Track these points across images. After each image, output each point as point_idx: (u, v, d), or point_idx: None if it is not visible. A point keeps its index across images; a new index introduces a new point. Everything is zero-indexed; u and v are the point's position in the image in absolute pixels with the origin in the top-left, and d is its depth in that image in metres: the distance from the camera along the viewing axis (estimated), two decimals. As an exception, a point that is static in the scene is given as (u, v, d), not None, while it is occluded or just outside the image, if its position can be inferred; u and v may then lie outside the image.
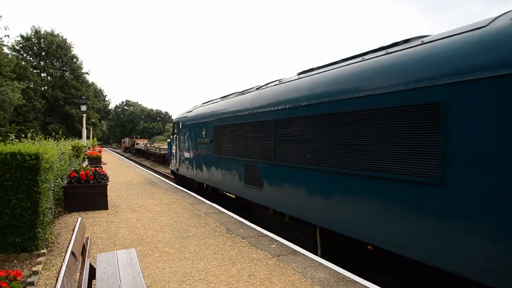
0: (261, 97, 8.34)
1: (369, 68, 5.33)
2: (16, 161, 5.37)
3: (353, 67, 5.74)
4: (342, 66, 6.07)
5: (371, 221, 4.90)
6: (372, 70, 5.24)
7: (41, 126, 48.31)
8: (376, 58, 5.34)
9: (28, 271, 5.03)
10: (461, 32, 4.18)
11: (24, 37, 51.95)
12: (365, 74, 5.35)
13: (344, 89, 5.60)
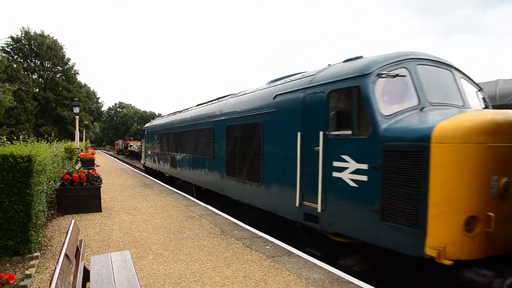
0: (176, 119, 15.54)
1: (230, 104, 10.06)
2: (8, 163, 5.32)
3: (203, 109, 12.45)
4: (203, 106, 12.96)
5: (193, 175, 12.37)
6: (236, 106, 9.54)
7: (33, 128, 47.92)
8: (239, 96, 9.71)
9: (21, 275, 4.98)
10: (262, 89, 8.62)
11: (14, 39, 51.51)
12: (225, 111, 10.07)
13: (195, 119, 12.90)
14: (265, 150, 7.65)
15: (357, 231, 5.15)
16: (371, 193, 4.87)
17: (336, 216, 5.53)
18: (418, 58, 5.56)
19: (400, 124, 4.76)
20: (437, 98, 5.33)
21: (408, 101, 5.19)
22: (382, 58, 5.46)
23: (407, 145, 4.45)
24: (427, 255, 4.10)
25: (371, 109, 4.98)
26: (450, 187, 4.06)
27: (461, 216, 4.00)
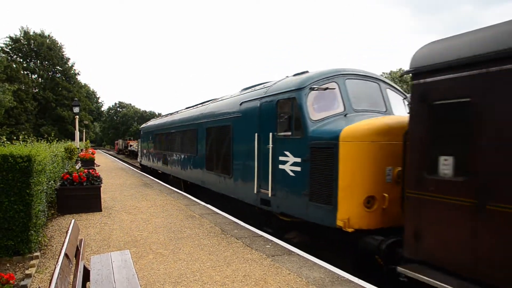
0: (167, 121, 17.28)
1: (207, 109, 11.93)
2: (8, 163, 5.32)
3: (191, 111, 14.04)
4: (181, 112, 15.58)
5: (182, 171, 13.76)
6: (203, 111, 12.00)
7: (33, 128, 47.91)
8: (217, 102, 11.40)
9: (21, 274, 4.98)
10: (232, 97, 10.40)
11: (13, 39, 51.44)
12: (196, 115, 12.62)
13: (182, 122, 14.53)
14: (234, 148, 9.18)
15: (295, 210, 6.59)
16: (303, 180, 6.28)
17: (281, 199, 6.98)
18: (348, 73, 6.89)
19: (323, 127, 6.15)
20: (362, 106, 6.63)
21: (336, 108, 6.55)
22: (316, 74, 6.84)
23: (324, 143, 5.87)
24: (337, 225, 5.45)
25: (303, 115, 6.40)
26: (353, 175, 5.43)
27: (361, 196, 5.38)
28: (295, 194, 6.51)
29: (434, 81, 4.47)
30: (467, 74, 4.08)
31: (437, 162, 4.38)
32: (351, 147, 5.47)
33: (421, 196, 4.49)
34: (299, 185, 6.40)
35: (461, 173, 4.08)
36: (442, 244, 4.27)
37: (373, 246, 5.21)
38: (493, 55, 3.77)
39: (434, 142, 4.44)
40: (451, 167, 4.21)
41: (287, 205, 6.83)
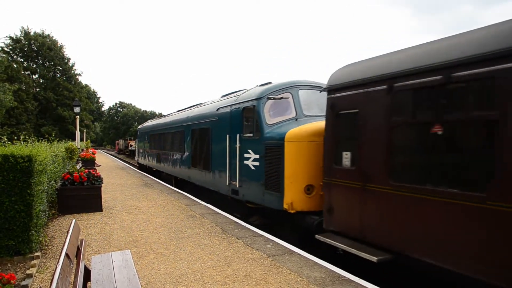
0: (160, 123, 18.90)
1: (192, 113, 13.45)
2: (8, 163, 5.32)
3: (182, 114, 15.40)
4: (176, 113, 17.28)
5: (172, 168, 15.49)
6: (189, 115, 13.60)
7: (33, 128, 47.92)
8: (194, 108, 13.84)
9: (22, 274, 4.99)
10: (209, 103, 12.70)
11: (13, 39, 51.45)
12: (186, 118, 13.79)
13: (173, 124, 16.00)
14: (212, 147, 10.74)
15: (256, 198, 8.10)
16: (261, 173, 7.79)
17: (246, 189, 8.50)
18: (301, 84, 8.27)
19: (275, 130, 7.60)
20: (312, 112, 7.96)
21: (289, 114, 7.95)
22: (273, 86, 8.29)
23: (274, 143, 7.37)
24: (284, 208, 6.92)
25: (261, 120, 7.91)
26: (295, 168, 6.89)
27: (302, 185, 6.84)
28: (255, 184, 8.08)
29: (339, 96, 6.03)
30: (356, 92, 5.68)
31: (341, 156, 5.94)
32: (293, 146, 6.99)
33: (331, 181, 6.08)
34: (258, 177, 7.95)
35: (354, 164, 5.66)
36: (344, 216, 5.85)
37: (309, 224, 6.66)
38: (367, 80, 5.46)
39: (339, 141, 6.05)
40: (349, 160, 5.79)
41: (250, 194, 8.36)
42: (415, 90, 4.81)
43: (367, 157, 5.38)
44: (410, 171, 4.91)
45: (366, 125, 5.41)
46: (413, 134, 4.95)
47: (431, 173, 4.54)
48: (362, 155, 5.48)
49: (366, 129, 5.40)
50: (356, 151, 5.60)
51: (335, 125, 6.08)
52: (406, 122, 4.99)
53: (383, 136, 5.13)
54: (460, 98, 4.37)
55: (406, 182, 4.80)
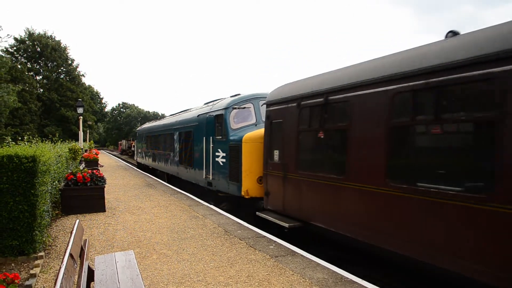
0: (155, 125, 21.46)
1: (179, 118, 15.60)
2: (13, 163, 5.35)
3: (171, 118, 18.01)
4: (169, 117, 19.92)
5: (165, 166, 17.65)
6: (178, 119, 15.57)
7: (37, 128, 48.12)
8: (182, 113, 16.21)
9: (26, 274, 5.01)
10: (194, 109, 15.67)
11: (18, 40, 51.70)
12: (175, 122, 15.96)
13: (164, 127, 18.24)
14: (194, 147, 12.80)
15: (223, 187, 10.08)
16: (226, 167, 9.79)
17: (217, 181, 10.49)
18: (262, 96, 10.06)
19: (237, 133, 9.54)
20: None
21: (250, 121, 9.96)
22: (239, 97, 10.32)
23: (234, 143, 9.35)
24: (242, 195, 8.85)
25: (227, 126, 9.93)
26: (249, 163, 8.81)
27: (255, 176, 8.72)
28: (223, 177, 10.05)
29: (272, 109, 8.05)
30: (281, 107, 7.70)
31: (273, 154, 7.94)
32: (248, 146, 8.91)
33: (268, 172, 8.15)
34: (225, 171, 9.92)
35: (280, 159, 7.67)
36: (275, 197, 7.89)
37: (260, 206, 8.53)
38: (287, 99, 7.49)
39: (272, 143, 8.00)
40: (278, 156, 7.80)
41: (220, 185, 10.32)
42: (310, 107, 6.85)
43: (287, 154, 7.46)
44: (308, 164, 6.95)
45: (286, 131, 7.50)
46: (309, 138, 6.99)
47: (317, 164, 6.68)
48: (284, 152, 7.57)
49: (286, 134, 7.48)
50: (281, 149, 7.66)
51: (270, 131, 8.13)
52: (305, 129, 7.03)
53: (294, 139, 7.22)
54: (332, 114, 6.36)
55: (306, 171, 6.83)
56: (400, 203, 4.85)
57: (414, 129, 4.92)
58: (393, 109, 5.06)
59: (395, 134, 5.06)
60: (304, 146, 7.12)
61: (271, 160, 7.97)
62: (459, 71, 4.21)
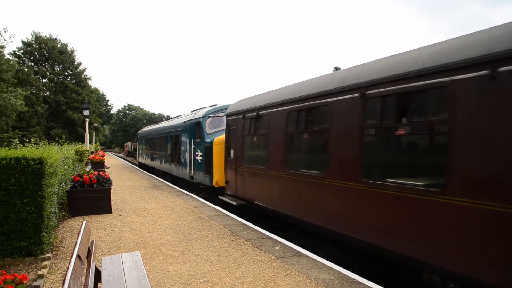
0: (153, 129, 24.94)
1: (170, 123, 19.57)
2: (20, 165, 5.40)
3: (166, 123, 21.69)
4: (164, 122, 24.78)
5: (160, 164, 20.99)
6: (169, 124, 19.55)
7: (44, 131, 48.53)
8: (174, 119, 20.38)
9: (33, 275, 5.05)
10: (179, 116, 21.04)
11: (25, 43, 52.23)
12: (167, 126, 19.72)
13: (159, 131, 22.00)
14: (181, 148, 15.69)
15: (201, 180, 12.81)
16: (203, 164, 12.48)
17: (197, 175, 13.30)
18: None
19: (211, 137, 12.32)
20: None
21: (222, 127, 12.25)
22: (215, 108, 13.19)
23: (208, 145, 12.12)
24: (213, 185, 11.51)
25: (203, 131, 12.71)
26: (218, 160, 11.34)
27: (222, 170, 10.99)
28: (201, 171, 12.88)
29: (229, 119, 10.59)
30: (234, 117, 10.15)
31: (230, 152, 10.43)
32: (217, 146, 11.69)
33: (227, 166, 10.58)
34: (202, 166, 12.72)
35: (233, 156, 10.08)
36: (231, 185, 10.23)
37: (225, 193, 10.78)
38: (238, 112, 9.85)
39: (229, 144, 10.47)
40: (232, 154, 10.18)
41: (199, 178, 13.17)
42: (249, 118, 9.31)
43: (237, 152, 9.95)
44: (248, 159, 9.40)
45: (237, 135, 10.03)
46: (249, 140, 9.54)
47: (254, 159, 9.18)
48: (236, 151, 10.06)
49: (237, 137, 10.03)
50: (234, 149, 10.14)
51: (228, 135, 10.74)
52: (247, 134, 9.52)
53: (241, 141, 9.73)
54: (261, 124, 8.84)
55: (248, 164, 9.33)
56: (293, 184, 7.28)
57: (298, 135, 7.58)
58: (290, 121, 7.54)
59: (290, 138, 7.63)
60: (246, 146, 9.61)
61: (228, 157, 10.59)
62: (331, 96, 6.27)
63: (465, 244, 4.05)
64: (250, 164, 9.16)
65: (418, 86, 4.63)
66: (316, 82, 6.97)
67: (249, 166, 9.18)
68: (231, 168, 10.24)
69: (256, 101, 9.17)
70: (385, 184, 5.01)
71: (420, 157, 4.99)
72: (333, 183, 6.02)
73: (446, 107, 4.36)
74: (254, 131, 9.14)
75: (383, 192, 5.05)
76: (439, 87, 4.39)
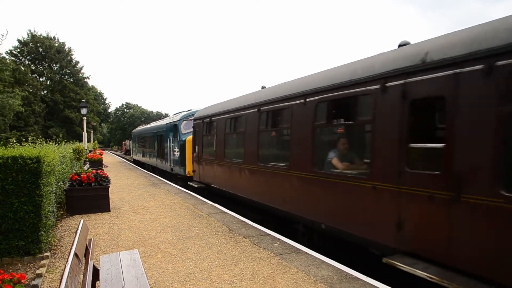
0: (143, 129, 29.97)
1: (157, 124, 24.61)
2: (17, 164, 5.39)
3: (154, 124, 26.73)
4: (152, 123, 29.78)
5: (149, 160, 25.06)
6: (156, 125, 24.44)
7: (41, 130, 48.38)
8: (160, 121, 26.03)
9: (32, 274, 5.05)
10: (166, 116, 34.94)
11: (21, 42, 51.95)
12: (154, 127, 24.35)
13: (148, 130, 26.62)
14: (164, 145, 19.06)
15: (178, 171, 16.50)
16: (179, 158, 16.29)
17: (175, 167, 16.98)
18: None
19: (185, 136, 15.85)
20: None
21: None
22: (189, 112, 16.67)
23: (182, 143, 15.73)
24: (186, 175, 14.98)
25: (179, 131, 16.54)
26: (189, 155, 14.68)
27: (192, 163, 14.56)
28: (178, 164, 16.22)
29: (195, 123, 13.60)
30: (198, 122, 13.32)
31: (195, 148, 13.43)
32: (189, 144, 14.55)
33: (193, 159, 13.86)
34: (178, 160, 16.10)
35: (197, 152, 13.23)
36: (197, 173, 13.33)
37: (194, 180, 13.54)
38: (201, 117, 13.00)
39: (195, 142, 13.63)
40: (197, 150, 13.32)
41: (176, 169, 16.59)
42: (206, 123, 12.19)
43: (199, 148, 12.95)
44: (206, 153, 12.39)
45: (199, 135, 13.03)
46: (206, 139, 12.48)
47: (208, 153, 12.00)
48: (198, 147, 13.08)
49: (199, 137, 13.02)
50: (198, 146, 13.04)
51: (194, 135, 13.80)
52: (205, 134, 12.49)
53: (201, 140, 12.80)
54: (213, 127, 11.63)
55: (205, 157, 12.35)
56: (231, 170, 10.24)
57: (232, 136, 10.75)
58: (227, 126, 10.67)
59: (228, 138, 10.81)
60: (205, 144, 12.72)
61: (194, 152, 13.71)
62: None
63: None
64: (207, 157, 12.36)
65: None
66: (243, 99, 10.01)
67: (206, 159, 12.40)
68: (195, 161, 13.58)
69: (210, 110, 12.31)
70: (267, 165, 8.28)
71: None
72: (247, 167, 9.17)
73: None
74: (209, 132, 12.26)
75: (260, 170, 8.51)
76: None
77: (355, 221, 5.51)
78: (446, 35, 4.68)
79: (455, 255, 3.99)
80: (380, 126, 5.10)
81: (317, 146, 6.64)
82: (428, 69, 4.41)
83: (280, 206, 7.60)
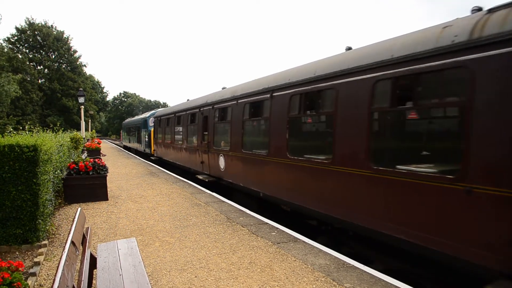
0: (131, 120, 40.85)
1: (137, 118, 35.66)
2: (14, 153, 5.36)
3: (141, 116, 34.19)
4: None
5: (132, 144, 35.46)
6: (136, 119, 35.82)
7: (39, 119, 48.22)
8: (142, 115, 34.59)
9: (30, 262, 5.06)
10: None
11: (19, 30, 51.42)
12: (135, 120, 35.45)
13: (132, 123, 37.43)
14: (141, 133, 28.56)
15: (148, 151, 25.52)
16: (147, 141, 25.60)
17: (146, 148, 26.46)
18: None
19: (151, 128, 24.59)
20: None
21: None
22: (155, 111, 25.72)
23: (149, 132, 25.49)
24: (152, 153, 23.75)
25: (147, 124, 25.66)
26: (153, 139, 23.47)
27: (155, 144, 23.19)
28: (147, 146, 25.57)
29: (155, 119, 22.56)
30: (157, 119, 22.09)
31: (157, 136, 22.00)
32: (152, 132, 23.53)
33: (155, 142, 22.68)
34: (147, 143, 25.53)
35: (156, 137, 22.24)
36: (157, 151, 22.07)
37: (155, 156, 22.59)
38: (160, 115, 21.39)
39: (155, 132, 22.68)
40: (157, 136, 22.01)
41: (146, 150, 25.58)
42: (166, 119, 19.06)
43: (157, 135, 21.70)
44: (160, 139, 20.57)
45: (156, 128, 22.28)
46: (160, 130, 20.63)
47: (162, 139, 20.28)
48: (158, 135, 21.21)
49: (156, 129, 22.16)
50: (157, 134, 21.80)
51: (155, 128, 22.53)
52: (158, 127, 21.24)
53: (157, 130, 21.65)
54: (172, 122, 17.71)
55: (164, 142, 19.51)
56: (175, 148, 16.93)
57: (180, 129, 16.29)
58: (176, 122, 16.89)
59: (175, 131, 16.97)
60: (160, 132, 20.14)
61: (155, 138, 21.95)
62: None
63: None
64: (166, 142, 18.76)
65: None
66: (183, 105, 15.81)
67: (161, 142, 20.09)
68: (156, 143, 21.66)
69: (162, 112, 20.87)
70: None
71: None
72: (177, 146, 14.83)
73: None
74: (161, 126, 20.12)
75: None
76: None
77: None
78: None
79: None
80: None
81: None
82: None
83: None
